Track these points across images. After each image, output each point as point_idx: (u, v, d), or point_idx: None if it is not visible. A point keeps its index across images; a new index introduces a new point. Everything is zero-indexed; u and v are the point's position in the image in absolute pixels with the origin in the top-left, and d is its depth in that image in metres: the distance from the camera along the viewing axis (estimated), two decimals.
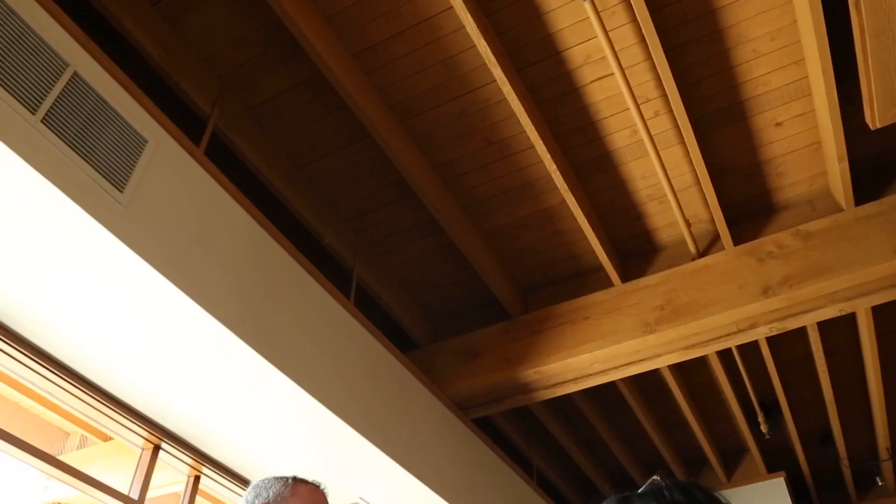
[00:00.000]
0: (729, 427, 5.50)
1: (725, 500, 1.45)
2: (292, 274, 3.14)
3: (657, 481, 1.48)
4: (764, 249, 3.71)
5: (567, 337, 3.98)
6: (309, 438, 3.27)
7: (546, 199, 3.76)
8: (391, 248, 4.08)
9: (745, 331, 3.75)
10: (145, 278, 2.40)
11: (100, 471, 3.03)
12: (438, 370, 4.25)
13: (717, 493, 1.46)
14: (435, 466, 3.78)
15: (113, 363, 2.78)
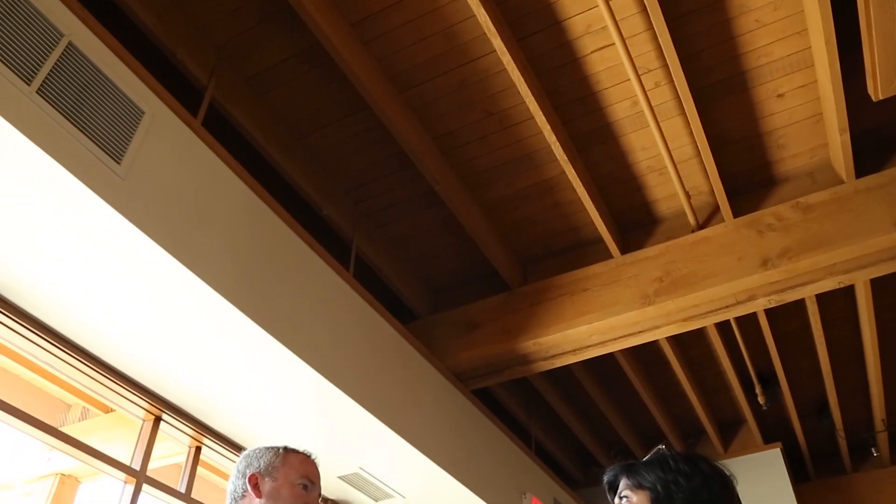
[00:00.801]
0: (726, 399, 5.53)
1: (729, 472, 1.47)
2: (291, 245, 3.13)
3: (662, 450, 1.49)
4: (763, 222, 3.70)
5: (566, 308, 3.99)
6: (309, 409, 3.29)
7: (545, 170, 3.75)
8: (390, 219, 4.07)
9: (743, 303, 3.76)
10: (144, 250, 2.40)
11: (101, 442, 3.05)
12: (438, 341, 4.26)
13: (720, 463, 1.48)
14: (434, 437, 3.81)
15: (113, 335, 2.79)
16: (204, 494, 3.43)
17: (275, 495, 1.82)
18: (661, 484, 1.42)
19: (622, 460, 1.55)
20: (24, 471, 3.72)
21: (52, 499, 3.64)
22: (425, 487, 3.97)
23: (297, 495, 1.82)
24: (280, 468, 1.87)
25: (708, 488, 1.41)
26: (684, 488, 1.40)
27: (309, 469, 1.89)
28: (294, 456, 1.91)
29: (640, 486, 1.46)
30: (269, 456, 1.90)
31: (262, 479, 1.86)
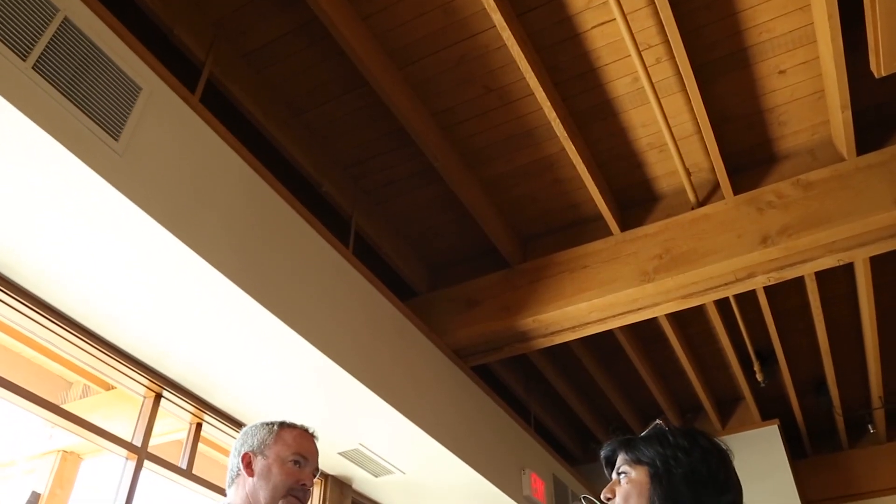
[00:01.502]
0: (725, 375, 5.55)
1: (726, 446, 1.47)
2: (290, 222, 3.13)
3: (660, 425, 1.49)
4: (764, 199, 3.69)
5: (566, 285, 3.99)
6: (309, 385, 3.30)
7: (545, 147, 3.73)
8: (390, 196, 4.06)
9: (743, 280, 3.76)
10: (142, 227, 2.39)
11: (102, 419, 3.07)
12: (437, 318, 4.27)
13: (717, 438, 1.48)
14: (434, 413, 3.83)
15: (113, 312, 2.79)
16: (205, 470, 3.45)
17: (265, 474, 1.80)
18: (659, 459, 1.42)
19: (620, 435, 1.55)
20: (26, 448, 3.74)
21: (54, 476, 3.65)
22: (425, 463, 4.00)
23: (288, 472, 1.80)
24: (272, 445, 1.85)
25: (706, 463, 1.41)
26: (683, 463, 1.40)
27: (302, 445, 1.86)
28: (288, 432, 1.89)
29: (638, 461, 1.46)
30: (262, 433, 1.88)
31: (255, 457, 1.84)
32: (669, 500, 1.39)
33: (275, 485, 1.78)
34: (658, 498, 1.40)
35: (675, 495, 1.39)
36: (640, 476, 1.44)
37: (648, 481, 1.42)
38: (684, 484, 1.39)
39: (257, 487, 1.79)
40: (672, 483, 1.39)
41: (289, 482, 1.79)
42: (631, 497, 1.43)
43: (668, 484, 1.40)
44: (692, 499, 1.37)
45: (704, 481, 1.39)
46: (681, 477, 1.39)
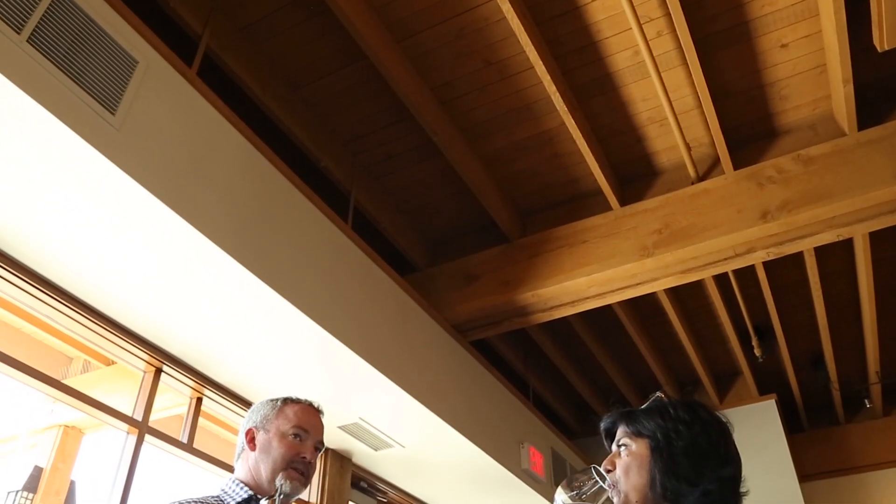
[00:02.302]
0: (723, 350, 5.57)
1: (727, 419, 1.47)
2: (289, 197, 3.12)
3: (661, 398, 1.50)
4: (764, 174, 3.68)
5: (565, 260, 3.99)
6: (308, 360, 3.31)
7: (545, 121, 3.71)
8: (389, 171, 4.05)
9: (742, 255, 3.76)
10: (141, 202, 2.39)
11: (103, 394, 3.08)
12: (437, 293, 4.28)
13: (718, 412, 1.48)
14: (433, 388, 3.85)
15: (112, 288, 2.79)
16: (206, 444, 3.47)
17: (266, 447, 1.82)
18: (660, 431, 1.43)
19: (620, 408, 1.55)
20: (29, 423, 3.76)
21: (56, 450, 3.68)
22: (424, 437, 4.02)
23: (287, 446, 1.81)
24: (274, 420, 1.86)
25: (707, 436, 1.42)
26: (684, 436, 1.41)
27: (304, 418, 1.88)
28: (291, 406, 1.90)
29: (639, 433, 1.46)
30: (266, 409, 1.90)
31: (257, 432, 1.86)
32: (669, 472, 1.39)
33: (274, 458, 1.81)
34: (658, 470, 1.40)
35: (676, 468, 1.39)
36: (640, 448, 1.45)
37: (649, 454, 1.43)
38: (685, 456, 1.39)
39: (259, 461, 1.82)
40: (672, 455, 1.40)
41: (288, 455, 1.81)
42: (631, 469, 1.44)
43: (668, 456, 1.40)
44: (692, 471, 1.38)
45: (705, 454, 1.39)
46: (681, 449, 1.40)
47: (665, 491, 1.39)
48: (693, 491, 1.37)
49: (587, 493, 1.48)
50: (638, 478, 1.42)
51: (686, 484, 1.37)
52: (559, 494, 1.51)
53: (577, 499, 1.48)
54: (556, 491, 1.52)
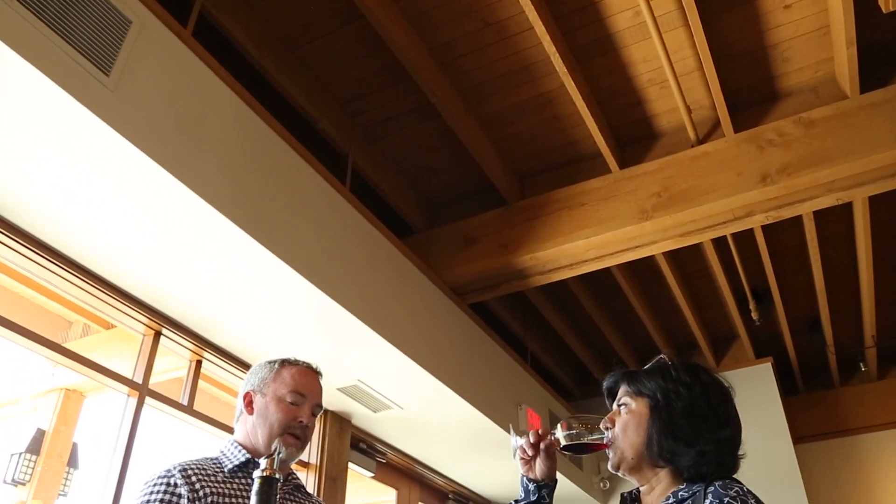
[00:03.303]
0: (720, 314, 5.59)
1: (728, 384, 1.49)
2: (287, 159, 3.10)
3: (663, 359, 1.51)
4: (764, 137, 3.66)
5: (563, 223, 3.99)
6: (307, 322, 3.32)
7: (544, 83, 3.67)
8: (387, 133, 4.02)
9: (741, 219, 3.75)
10: (136, 164, 2.37)
11: (103, 358, 3.09)
12: (435, 256, 4.27)
13: (720, 376, 1.49)
14: (432, 350, 3.86)
15: (110, 251, 2.79)
16: (206, 407, 3.50)
17: (263, 412, 1.82)
18: (661, 392, 1.44)
19: (622, 368, 1.57)
20: (30, 386, 3.79)
21: (58, 413, 3.71)
22: (423, 399, 4.05)
23: (284, 410, 1.81)
24: (271, 384, 1.86)
25: (707, 398, 1.43)
26: (684, 397, 1.42)
27: (301, 382, 1.87)
28: (288, 369, 1.90)
29: (639, 393, 1.48)
30: (264, 371, 1.90)
31: (255, 395, 1.87)
32: (667, 432, 1.41)
33: (271, 423, 1.80)
34: (656, 430, 1.42)
35: (673, 428, 1.41)
36: (640, 407, 1.46)
37: (648, 413, 1.45)
38: (683, 417, 1.41)
39: (256, 426, 1.82)
40: (671, 416, 1.42)
41: (285, 420, 1.81)
42: (629, 427, 1.46)
43: (667, 416, 1.42)
44: (690, 432, 1.40)
45: (704, 416, 1.41)
46: (680, 410, 1.41)
47: (661, 450, 1.41)
48: (689, 451, 1.38)
49: (584, 425, 1.53)
50: (635, 436, 1.44)
51: (683, 444, 1.39)
52: (558, 431, 1.56)
53: (573, 437, 1.53)
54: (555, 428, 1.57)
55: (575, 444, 1.54)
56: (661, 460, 1.42)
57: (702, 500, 1.29)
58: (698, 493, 1.32)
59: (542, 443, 1.59)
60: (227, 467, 1.78)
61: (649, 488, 1.46)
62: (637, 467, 1.45)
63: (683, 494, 1.35)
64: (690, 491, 1.35)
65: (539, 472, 1.60)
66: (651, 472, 1.44)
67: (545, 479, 1.60)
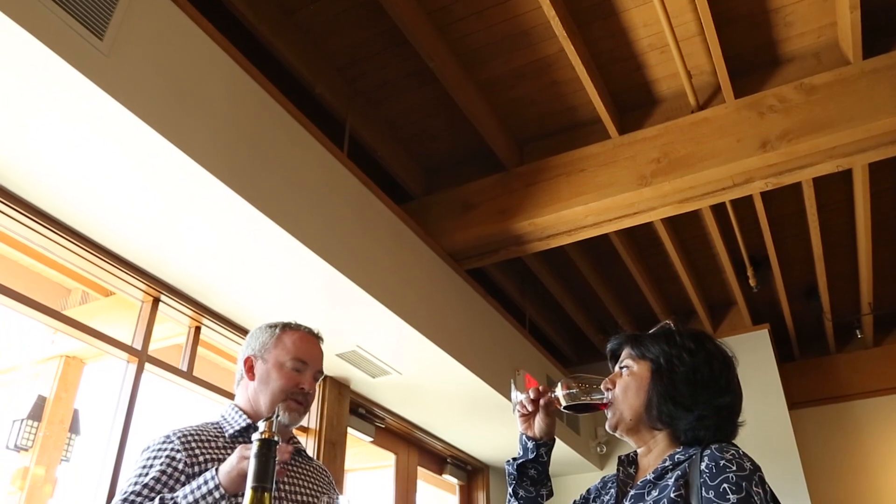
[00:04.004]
0: (718, 280, 5.60)
1: (732, 353, 1.49)
2: (283, 124, 3.08)
3: (669, 325, 1.52)
4: (765, 103, 3.63)
5: (562, 189, 3.97)
6: (305, 288, 3.33)
7: (543, 47, 3.63)
8: (384, 98, 3.98)
9: (740, 185, 3.74)
10: (132, 129, 2.35)
11: (102, 325, 3.10)
12: (433, 222, 4.27)
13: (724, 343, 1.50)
14: (430, 315, 3.87)
15: (107, 217, 2.78)
16: (205, 373, 3.51)
17: (265, 378, 1.82)
18: (664, 357, 1.45)
19: (626, 331, 1.58)
20: (30, 353, 3.80)
21: (58, 379, 3.73)
22: (421, 364, 4.08)
23: (286, 377, 1.82)
24: (272, 349, 1.86)
25: (709, 365, 1.44)
26: (686, 363, 1.43)
27: (302, 348, 1.87)
28: (289, 335, 1.89)
29: (643, 356, 1.49)
30: (265, 336, 1.90)
31: (256, 361, 1.86)
32: (667, 396, 1.42)
33: (273, 390, 1.81)
34: (656, 393, 1.43)
35: (674, 392, 1.42)
36: (642, 370, 1.48)
37: (649, 376, 1.46)
38: (684, 383, 1.42)
39: (257, 392, 1.83)
40: (673, 380, 1.43)
41: (287, 387, 1.82)
42: (629, 389, 1.47)
43: (668, 381, 1.43)
44: (690, 397, 1.41)
45: (705, 382, 1.42)
46: (682, 376, 1.43)
47: (660, 414, 1.42)
48: (688, 415, 1.40)
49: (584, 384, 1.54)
50: (635, 398, 1.45)
51: (682, 409, 1.40)
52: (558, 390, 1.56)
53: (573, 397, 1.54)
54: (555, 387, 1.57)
55: (575, 404, 1.54)
56: (659, 423, 1.43)
57: (698, 463, 1.30)
58: (695, 455, 1.33)
59: (542, 399, 1.59)
60: (228, 432, 1.79)
61: (646, 450, 1.47)
62: (635, 429, 1.47)
63: (680, 457, 1.37)
64: (687, 454, 1.36)
65: (538, 429, 1.60)
66: (649, 435, 1.46)
67: (544, 437, 1.61)
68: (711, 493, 1.24)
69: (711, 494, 1.24)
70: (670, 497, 1.28)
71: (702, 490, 1.26)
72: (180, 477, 1.62)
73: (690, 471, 1.31)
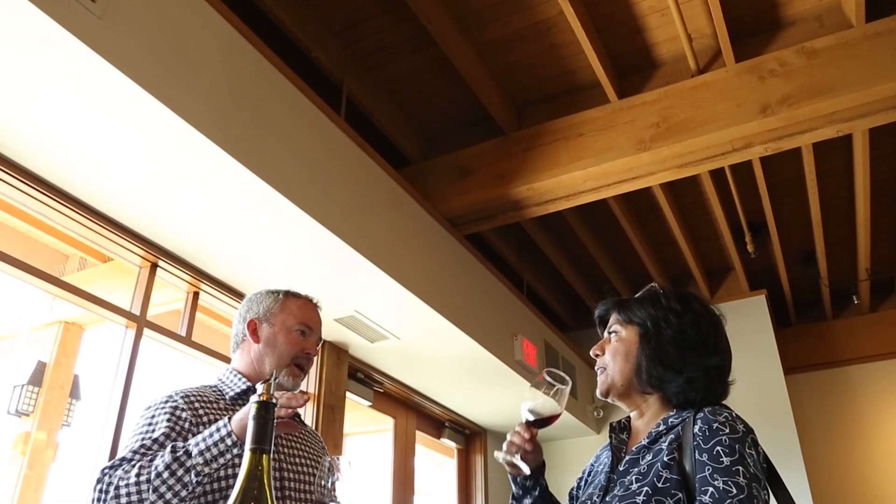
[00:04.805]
0: (716, 246, 5.61)
1: (719, 311, 1.50)
2: (279, 88, 3.05)
3: (654, 288, 1.52)
4: (766, 67, 3.60)
5: (561, 154, 3.95)
6: (303, 253, 3.32)
7: (543, 10, 3.59)
8: (382, 62, 3.94)
9: (739, 150, 3.72)
10: (125, 93, 2.32)
11: (101, 291, 3.10)
12: (431, 187, 4.25)
13: (712, 304, 1.50)
14: (428, 280, 3.88)
15: (104, 183, 2.77)
16: (203, 338, 3.52)
17: (271, 341, 1.85)
18: (650, 320, 1.45)
19: (614, 296, 1.58)
20: (30, 320, 3.81)
21: (58, 345, 3.75)
22: (419, 329, 4.09)
23: (293, 342, 1.85)
24: (278, 314, 1.89)
25: (697, 326, 1.44)
26: (673, 325, 1.43)
27: (307, 315, 1.91)
28: (293, 301, 1.93)
29: (629, 321, 1.49)
30: (268, 301, 1.92)
31: (261, 324, 1.89)
32: (656, 359, 1.43)
33: (280, 353, 1.84)
34: (645, 357, 1.44)
35: (662, 355, 1.42)
36: (629, 335, 1.48)
37: (637, 340, 1.46)
38: (672, 345, 1.42)
39: (263, 354, 1.84)
40: (660, 343, 1.43)
41: (294, 351, 1.85)
42: (618, 354, 1.48)
43: (656, 344, 1.43)
44: (678, 359, 1.41)
45: (693, 343, 1.42)
46: (669, 338, 1.43)
47: (650, 377, 1.43)
48: (677, 378, 1.40)
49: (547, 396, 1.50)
50: (624, 363, 1.46)
51: (671, 371, 1.41)
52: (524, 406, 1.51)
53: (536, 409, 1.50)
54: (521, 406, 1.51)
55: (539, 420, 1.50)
56: (649, 387, 1.44)
57: (691, 426, 1.31)
58: (688, 419, 1.34)
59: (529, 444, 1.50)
60: (229, 395, 1.80)
61: (639, 414, 1.48)
62: (626, 393, 1.47)
63: (673, 421, 1.38)
64: (680, 417, 1.37)
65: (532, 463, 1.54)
66: (640, 399, 1.47)
67: (536, 465, 1.56)
68: (705, 455, 1.25)
69: (705, 457, 1.25)
70: (664, 461, 1.29)
71: (695, 453, 1.27)
72: (187, 435, 1.64)
73: (684, 434, 1.32)
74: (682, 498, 1.24)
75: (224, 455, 1.51)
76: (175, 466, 1.49)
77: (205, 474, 1.50)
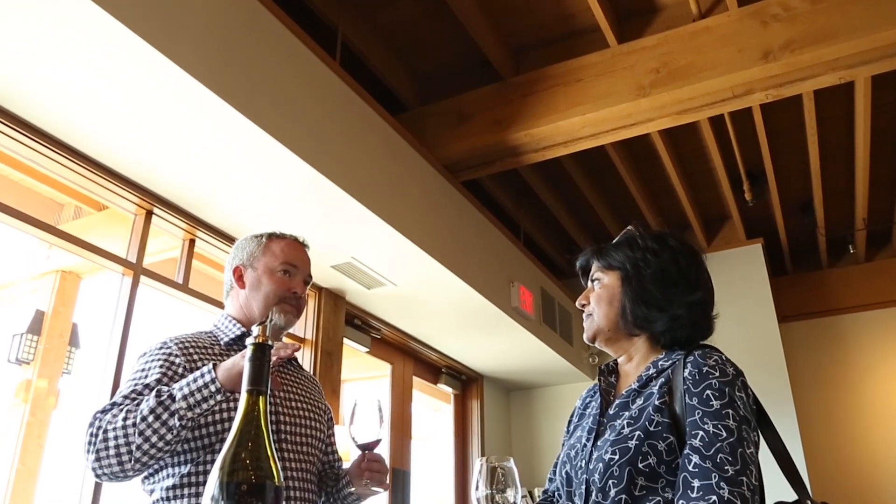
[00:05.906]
0: (714, 194, 5.59)
1: (698, 247, 1.50)
2: (274, 32, 2.99)
3: (631, 231, 1.52)
4: (769, 12, 3.53)
5: (559, 99, 3.91)
6: (299, 199, 3.31)
7: None
8: (378, 5, 3.87)
9: (740, 97, 3.67)
10: (119, 38, 2.28)
11: (96, 239, 3.09)
12: (428, 133, 4.21)
13: (688, 240, 1.50)
14: (425, 227, 3.87)
15: (98, 130, 2.74)
16: (200, 285, 3.53)
17: (256, 285, 1.85)
18: (629, 262, 1.46)
19: (594, 244, 1.58)
20: (27, 269, 3.81)
21: (56, 294, 3.75)
22: (416, 275, 4.10)
23: (277, 281, 1.85)
24: (261, 258, 1.88)
25: (676, 263, 1.45)
26: (652, 264, 1.44)
27: (291, 254, 1.90)
28: (276, 242, 1.92)
29: (609, 266, 1.50)
30: (251, 245, 1.92)
31: (245, 269, 1.89)
32: (639, 300, 1.44)
33: (265, 294, 1.84)
34: (628, 299, 1.45)
35: (645, 295, 1.43)
36: (611, 280, 1.49)
37: (619, 284, 1.47)
38: (654, 284, 1.43)
39: (249, 298, 1.85)
40: (642, 284, 1.44)
41: (280, 291, 1.84)
42: (602, 300, 1.48)
43: (637, 285, 1.44)
44: (662, 298, 1.42)
45: (674, 280, 1.43)
46: (650, 277, 1.43)
47: (636, 318, 1.44)
48: (662, 316, 1.41)
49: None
50: (609, 307, 1.47)
51: (655, 310, 1.42)
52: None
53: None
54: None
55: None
56: (635, 328, 1.45)
57: (681, 370, 1.32)
58: (678, 361, 1.35)
59: None
60: (224, 340, 1.81)
61: (627, 358, 1.49)
62: (613, 338, 1.48)
63: (663, 364, 1.38)
64: (670, 360, 1.38)
65: None
66: (628, 342, 1.48)
67: None
68: (695, 399, 1.26)
69: (695, 401, 1.26)
70: (655, 404, 1.31)
71: (685, 396, 1.28)
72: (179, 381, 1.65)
73: (674, 377, 1.33)
74: (673, 441, 1.26)
75: (207, 401, 1.52)
76: (160, 410, 1.50)
77: (188, 418, 1.51)
